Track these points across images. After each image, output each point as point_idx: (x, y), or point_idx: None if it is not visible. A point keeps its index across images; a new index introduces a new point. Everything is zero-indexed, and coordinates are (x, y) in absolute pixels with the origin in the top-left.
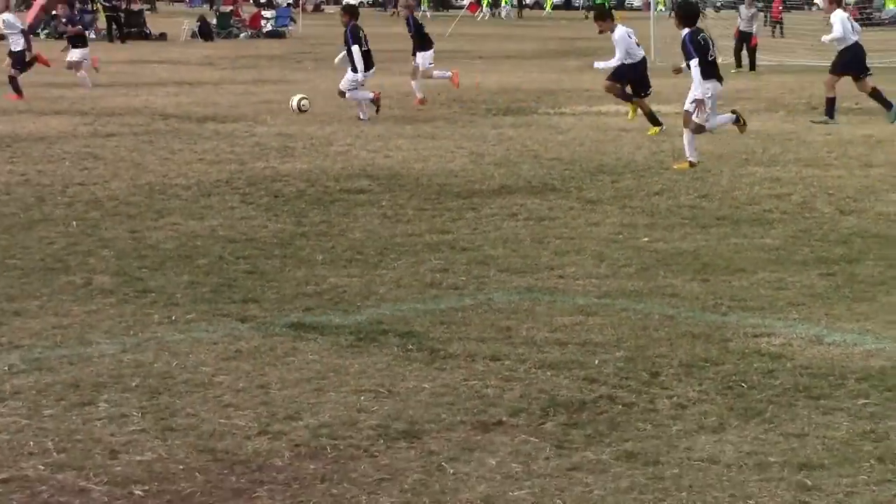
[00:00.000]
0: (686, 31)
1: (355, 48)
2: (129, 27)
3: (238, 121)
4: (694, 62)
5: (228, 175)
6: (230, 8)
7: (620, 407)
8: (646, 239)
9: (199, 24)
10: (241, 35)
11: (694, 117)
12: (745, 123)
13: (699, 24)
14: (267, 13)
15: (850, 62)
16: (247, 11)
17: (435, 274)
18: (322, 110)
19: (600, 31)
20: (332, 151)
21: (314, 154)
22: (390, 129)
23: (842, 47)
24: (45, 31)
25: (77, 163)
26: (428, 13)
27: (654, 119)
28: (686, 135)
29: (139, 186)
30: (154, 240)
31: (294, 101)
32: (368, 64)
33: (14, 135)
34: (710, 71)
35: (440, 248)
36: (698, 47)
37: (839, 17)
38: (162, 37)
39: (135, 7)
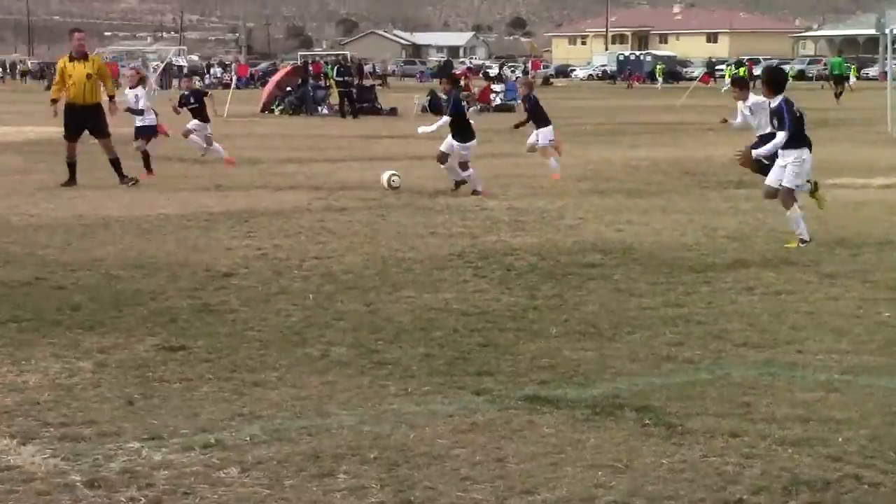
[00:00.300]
0: (779, 97)
1: (445, 118)
2: (360, 102)
3: (468, 195)
4: (783, 134)
5: (461, 249)
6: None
7: (867, 487)
8: (888, 315)
9: (429, 98)
10: (471, 109)
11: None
12: (817, 188)
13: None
14: (496, 87)
15: None
16: (476, 85)
17: (670, 348)
18: (552, 184)
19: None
20: (563, 225)
21: (545, 228)
22: (621, 203)
23: None
24: (280, 108)
25: (312, 237)
26: (659, 86)
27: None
28: (791, 212)
29: (373, 260)
30: (389, 312)
31: (384, 177)
32: (470, 134)
33: (251, 210)
34: (805, 139)
35: (675, 322)
36: (794, 118)
37: None
38: (392, 112)
39: (367, 83)
